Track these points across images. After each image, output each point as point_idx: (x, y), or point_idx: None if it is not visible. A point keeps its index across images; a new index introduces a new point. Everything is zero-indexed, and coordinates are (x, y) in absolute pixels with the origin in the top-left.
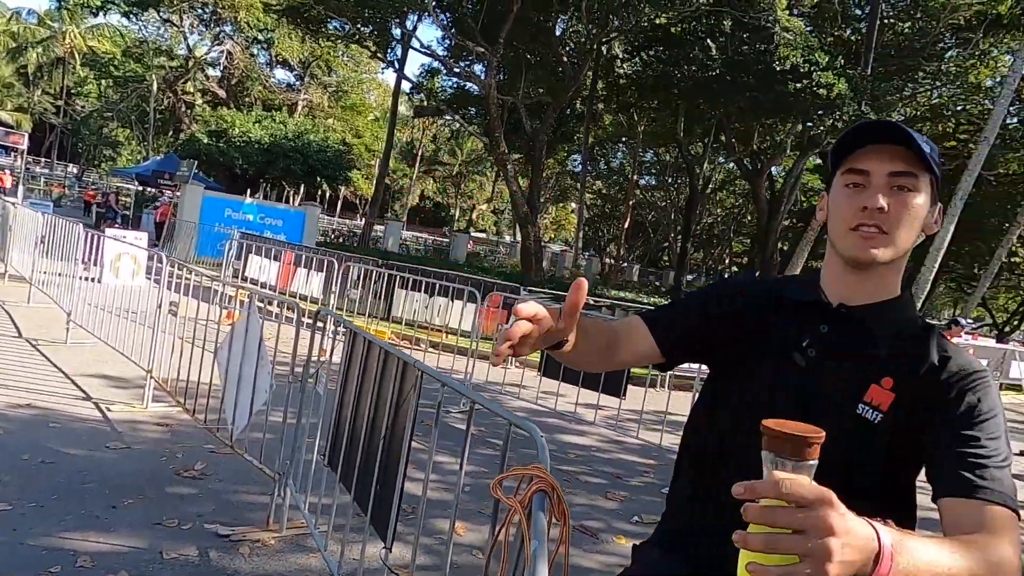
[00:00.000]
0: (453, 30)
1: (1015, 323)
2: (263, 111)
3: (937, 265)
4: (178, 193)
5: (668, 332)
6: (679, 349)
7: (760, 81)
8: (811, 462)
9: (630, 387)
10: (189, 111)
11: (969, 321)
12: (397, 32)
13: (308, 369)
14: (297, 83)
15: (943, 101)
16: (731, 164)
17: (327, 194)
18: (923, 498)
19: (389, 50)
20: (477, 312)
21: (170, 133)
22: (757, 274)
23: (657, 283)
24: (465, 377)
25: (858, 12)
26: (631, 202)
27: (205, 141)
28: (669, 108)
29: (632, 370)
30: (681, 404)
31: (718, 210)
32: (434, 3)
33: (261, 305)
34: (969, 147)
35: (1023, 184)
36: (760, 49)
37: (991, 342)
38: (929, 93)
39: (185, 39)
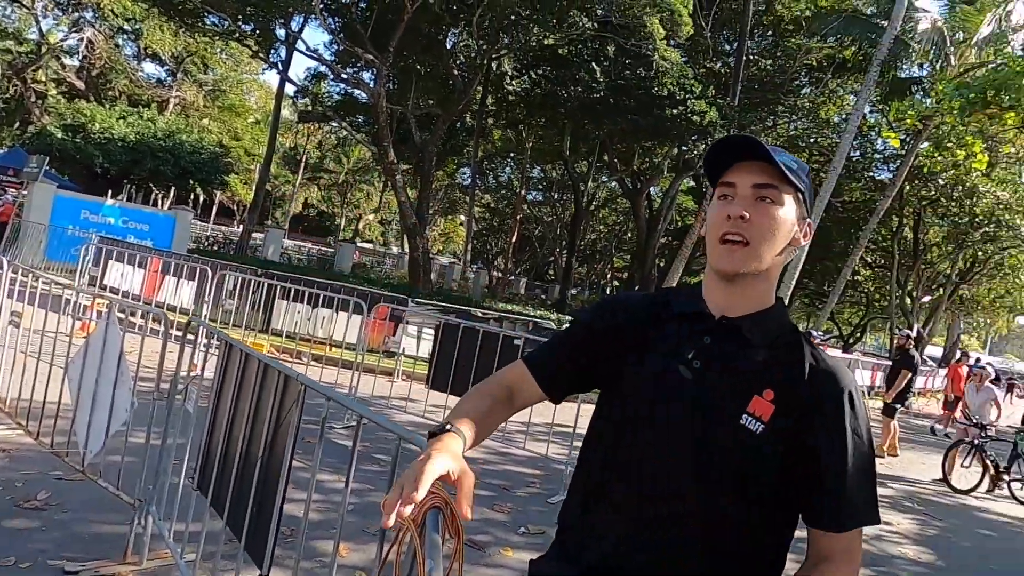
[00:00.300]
0: (341, 35)
1: (858, 335)
2: (129, 107)
3: (793, 283)
4: (24, 192)
5: (547, 371)
6: (561, 384)
7: (640, 105)
8: None
9: None
10: (40, 102)
11: (820, 333)
12: (281, 33)
13: (176, 385)
14: (169, 79)
15: (799, 133)
16: (613, 183)
17: (201, 199)
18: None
19: (272, 51)
20: (363, 324)
21: (16, 125)
22: (637, 288)
23: (543, 296)
24: (350, 391)
25: (727, 47)
26: (519, 216)
27: (59, 136)
28: (556, 126)
29: None
30: (567, 415)
31: (601, 227)
32: (321, 6)
33: (122, 316)
34: (820, 175)
35: (864, 210)
36: (641, 75)
37: (838, 352)
38: (787, 125)
39: (37, 22)
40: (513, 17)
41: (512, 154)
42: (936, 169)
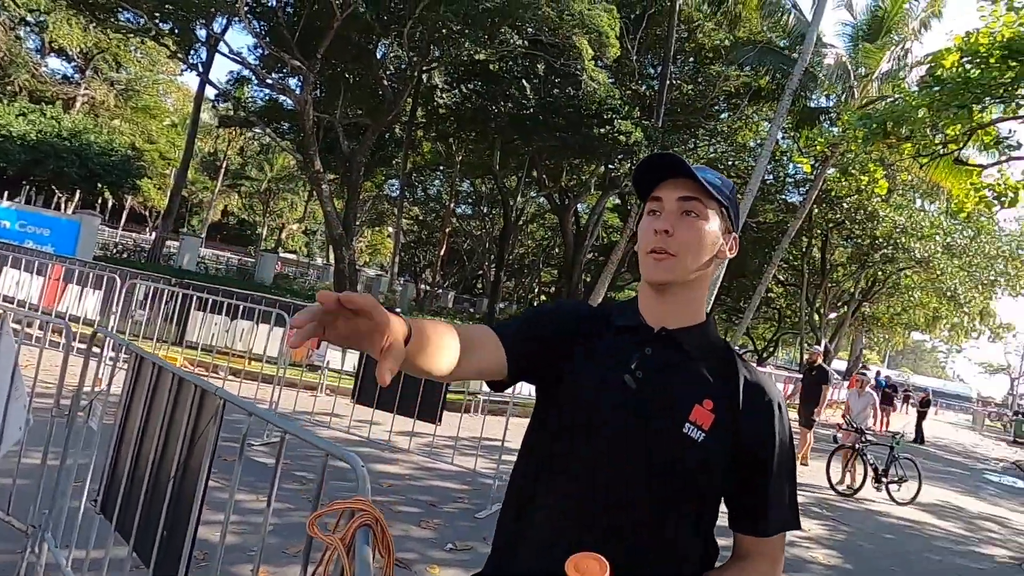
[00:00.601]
0: (267, 39)
1: (771, 349)
2: (30, 103)
3: (713, 299)
4: None
5: (513, 340)
6: (522, 359)
7: (569, 123)
8: None
9: (445, 413)
10: None
11: (736, 348)
12: (203, 33)
13: (79, 401)
14: (76, 76)
15: (718, 156)
16: (542, 199)
17: (110, 203)
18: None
19: (192, 52)
20: (285, 336)
21: None
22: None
23: (471, 310)
24: (271, 406)
25: (652, 71)
26: (447, 230)
27: None
28: (486, 141)
29: (447, 396)
30: (495, 429)
31: (529, 241)
32: (246, 8)
33: (17, 327)
34: (737, 197)
35: (777, 231)
36: (570, 94)
37: (752, 366)
38: (707, 147)
39: None
40: (444, 31)
41: (441, 167)
42: (842, 194)
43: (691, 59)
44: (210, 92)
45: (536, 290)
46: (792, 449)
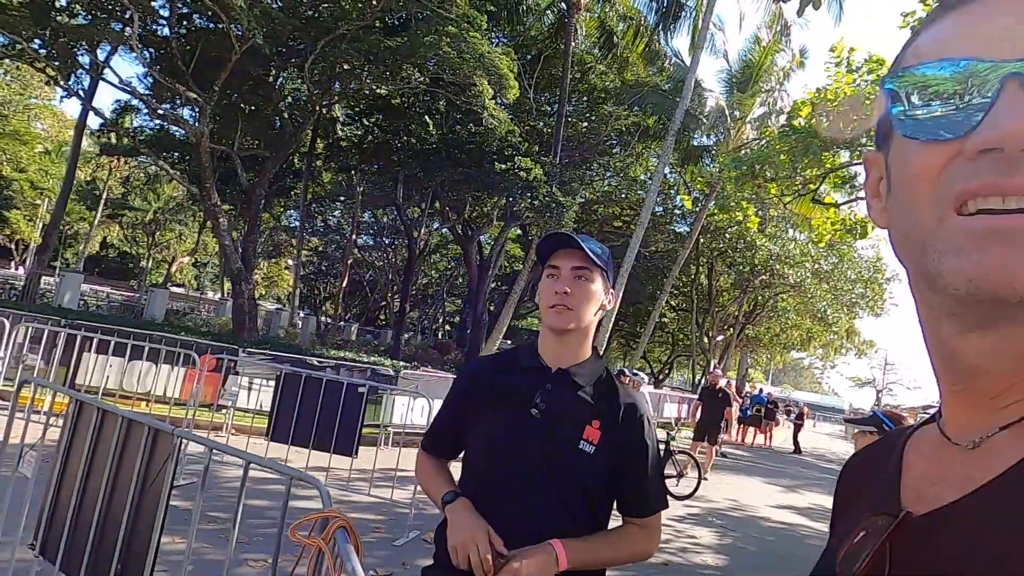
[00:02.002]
0: (159, 69)
1: (667, 372)
2: None
3: (611, 325)
4: None
5: (446, 449)
6: (459, 447)
7: (471, 159)
8: None
9: (360, 448)
10: None
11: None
12: (86, 60)
13: (3, 452)
14: None
15: (612, 189)
16: (445, 230)
17: None
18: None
19: (74, 78)
20: (199, 376)
21: None
22: (468, 332)
23: (375, 342)
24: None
25: (548, 108)
26: (349, 261)
27: None
28: (389, 173)
29: (363, 430)
30: (409, 461)
31: (433, 272)
32: (136, 38)
33: None
34: (631, 228)
35: (668, 260)
36: (472, 130)
37: (650, 388)
38: (602, 181)
39: None
40: (346, 66)
41: (342, 197)
42: (723, 225)
43: (585, 99)
44: (94, 120)
45: (440, 320)
46: (657, 450)
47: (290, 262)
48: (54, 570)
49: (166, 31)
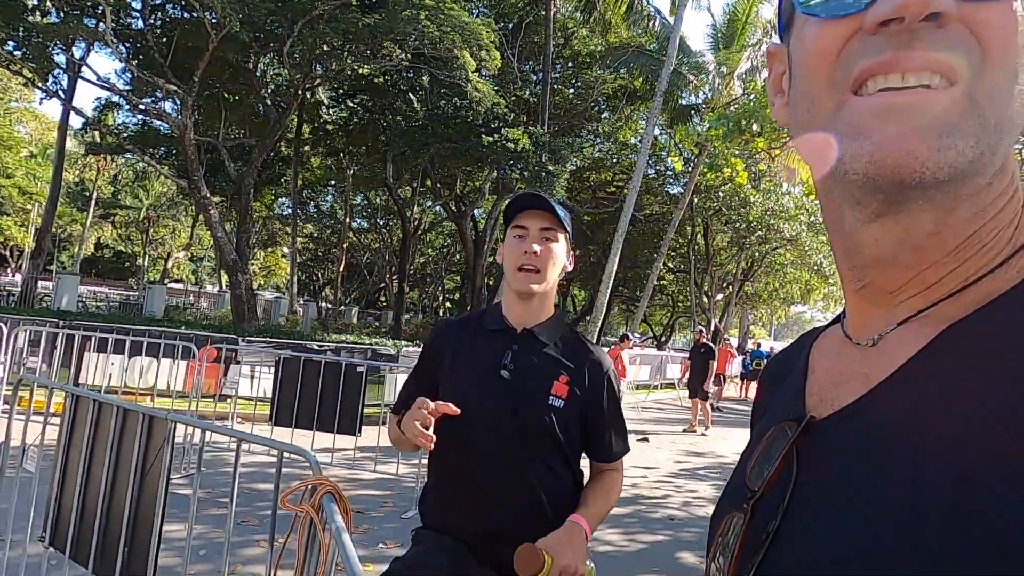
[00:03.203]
0: (136, 63)
1: (668, 334)
2: None
3: (609, 291)
4: None
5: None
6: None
7: (458, 133)
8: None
9: (363, 427)
10: None
11: (636, 335)
12: (62, 59)
13: (7, 452)
14: None
15: (602, 155)
16: (438, 207)
17: None
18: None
19: (51, 78)
20: (199, 369)
21: None
22: (468, 308)
23: (377, 324)
24: (185, 438)
25: (533, 77)
26: (345, 245)
27: None
28: (377, 154)
29: (365, 410)
30: None
31: (429, 250)
32: (111, 33)
33: None
34: (624, 192)
35: (663, 222)
36: (457, 104)
37: (653, 350)
38: (592, 148)
39: None
40: (326, 47)
41: (333, 182)
42: (714, 184)
43: (569, 64)
44: (76, 120)
45: (440, 298)
46: (619, 402)
47: (286, 250)
48: (64, 560)
49: (140, 24)
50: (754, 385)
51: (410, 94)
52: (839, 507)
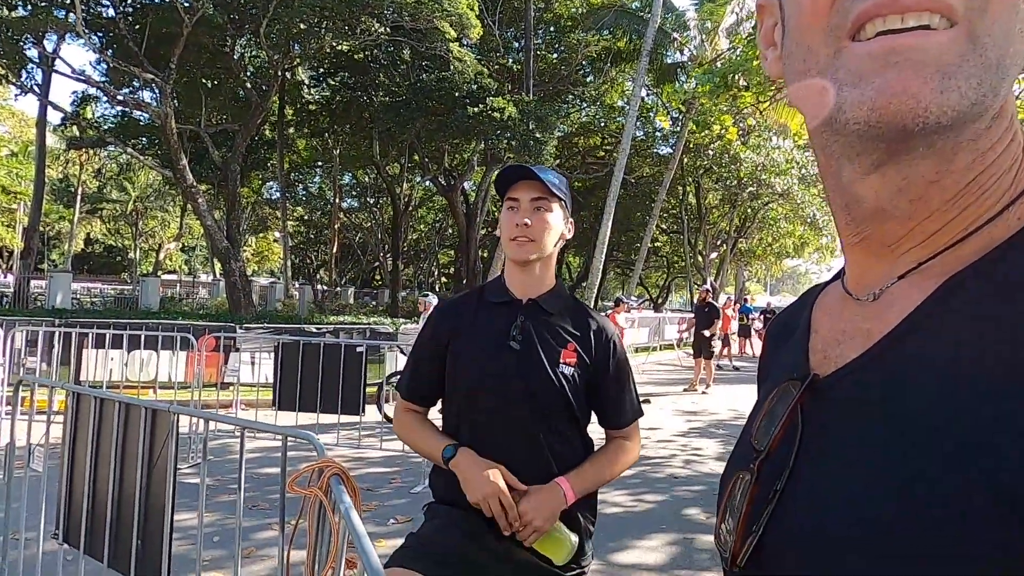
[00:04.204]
0: (111, 53)
1: (664, 295)
2: None
3: (604, 256)
4: None
5: (420, 393)
6: (436, 392)
7: (443, 106)
8: None
9: (366, 406)
10: None
11: (633, 298)
12: (34, 53)
13: (12, 452)
14: None
15: (589, 119)
16: (427, 182)
17: None
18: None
19: (26, 73)
20: (199, 359)
21: None
22: (464, 281)
23: (373, 303)
24: (190, 428)
25: (516, 44)
26: (336, 226)
27: None
28: (363, 132)
29: (367, 389)
30: None
31: (421, 226)
32: (82, 23)
33: None
34: (613, 156)
35: (654, 184)
36: (440, 76)
37: (650, 312)
38: (579, 112)
39: None
40: (303, 25)
41: (320, 163)
42: (705, 142)
43: (551, 28)
44: (55, 115)
45: (436, 273)
46: (628, 366)
47: (277, 235)
48: (79, 555)
49: (111, 12)
50: (748, 341)
51: (392, 68)
52: (843, 466)
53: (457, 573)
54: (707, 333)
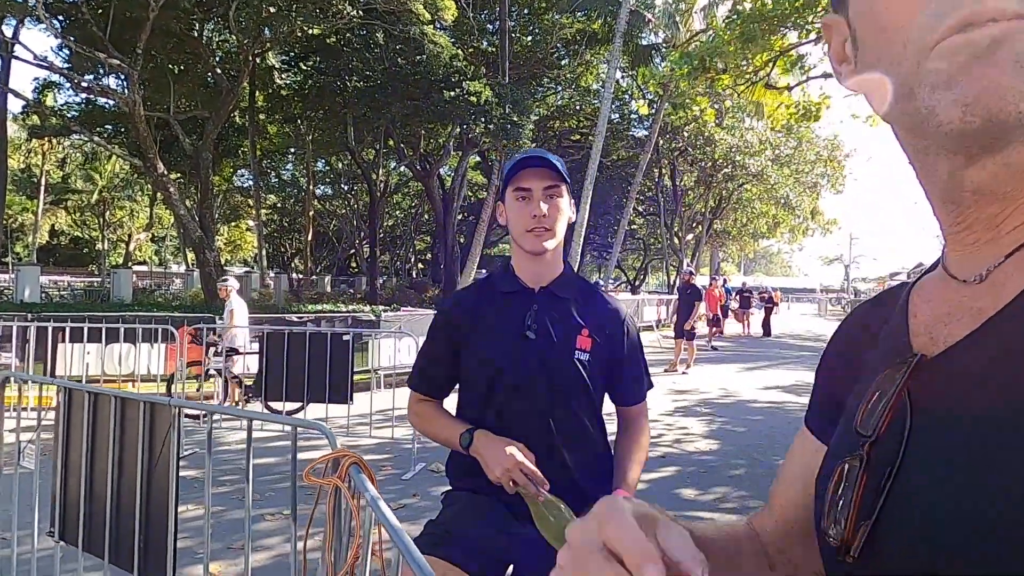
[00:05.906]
0: (73, 38)
1: (641, 278)
2: None
3: (582, 240)
4: None
5: (436, 384)
6: (452, 383)
7: (419, 90)
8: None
9: (354, 395)
10: None
11: (611, 281)
12: None
13: (1, 451)
14: None
15: (565, 102)
16: (403, 168)
17: None
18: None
19: None
20: (180, 351)
21: None
22: (442, 267)
23: (351, 290)
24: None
25: (490, 27)
26: (311, 213)
27: None
28: (336, 117)
29: (355, 377)
30: (404, 399)
31: (398, 212)
32: (42, 6)
33: None
34: (589, 139)
35: (630, 166)
36: (415, 60)
37: (628, 295)
38: (555, 95)
39: None
40: (273, 9)
41: (293, 149)
42: (679, 124)
43: (526, 11)
44: (16, 103)
45: (413, 259)
46: (640, 345)
47: (250, 223)
48: (77, 552)
49: None
50: (747, 319)
51: (365, 52)
52: (959, 447)
53: (480, 559)
54: (694, 317)
